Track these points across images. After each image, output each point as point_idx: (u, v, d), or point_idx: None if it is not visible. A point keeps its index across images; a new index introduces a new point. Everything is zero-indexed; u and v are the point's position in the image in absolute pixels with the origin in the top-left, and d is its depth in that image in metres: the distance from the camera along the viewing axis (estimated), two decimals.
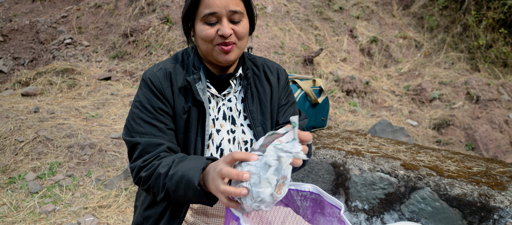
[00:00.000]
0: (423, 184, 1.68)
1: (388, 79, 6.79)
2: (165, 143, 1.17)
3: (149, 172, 1.11)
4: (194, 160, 1.08)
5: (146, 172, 1.11)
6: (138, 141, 1.16)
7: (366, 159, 1.92)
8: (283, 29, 7.46)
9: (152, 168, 1.11)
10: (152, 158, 1.14)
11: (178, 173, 1.04)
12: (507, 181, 1.63)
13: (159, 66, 1.27)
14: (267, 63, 1.42)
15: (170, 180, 1.05)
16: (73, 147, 3.78)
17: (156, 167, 1.10)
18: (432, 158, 1.94)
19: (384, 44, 7.44)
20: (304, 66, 6.76)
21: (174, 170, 1.06)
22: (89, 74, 6.30)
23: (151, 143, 1.15)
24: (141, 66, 6.75)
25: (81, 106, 5.00)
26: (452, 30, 7.17)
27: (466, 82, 5.75)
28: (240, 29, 1.19)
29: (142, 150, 1.15)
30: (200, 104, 1.23)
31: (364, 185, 1.85)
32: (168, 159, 1.12)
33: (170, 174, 1.05)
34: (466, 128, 4.83)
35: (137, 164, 1.15)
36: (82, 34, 7.95)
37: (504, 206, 1.47)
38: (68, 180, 3.33)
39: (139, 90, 1.25)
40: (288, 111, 1.42)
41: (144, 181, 1.12)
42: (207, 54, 1.23)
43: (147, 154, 1.15)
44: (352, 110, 5.90)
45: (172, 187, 1.04)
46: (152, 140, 1.16)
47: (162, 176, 1.07)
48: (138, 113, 1.20)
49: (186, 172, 1.02)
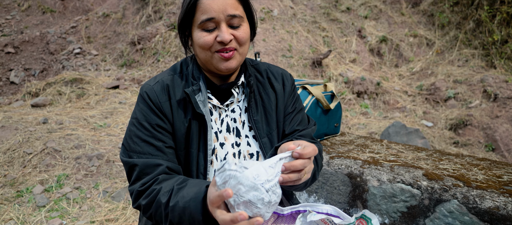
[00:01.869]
0: (450, 196, 1.55)
1: (400, 79, 6.61)
2: (164, 163, 1.08)
3: (149, 199, 1.02)
4: (193, 187, 0.98)
5: (145, 199, 1.03)
6: (136, 162, 1.07)
7: (384, 168, 1.80)
8: (290, 32, 7.36)
9: (151, 195, 1.02)
10: (151, 182, 1.05)
11: (179, 204, 0.95)
12: None
13: (157, 79, 1.18)
14: (270, 68, 1.32)
15: (172, 212, 0.97)
16: (81, 158, 3.74)
17: (156, 194, 1.02)
18: (456, 165, 1.81)
19: (394, 44, 7.26)
20: (312, 69, 6.64)
21: (174, 200, 0.97)
22: (97, 83, 6.30)
23: (149, 164, 1.07)
24: (148, 74, 6.72)
25: (90, 116, 4.97)
26: (464, 27, 6.96)
27: (482, 80, 5.55)
28: (241, 34, 1.10)
29: (140, 172, 1.07)
30: (200, 117, 1.14)
31: (384, 197, 1.73)
32: (168, 184, 1.03)
33: (171, 205, 0.97)
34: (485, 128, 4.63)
35: (135, 188, 1.06)
36: (90, 43, 7.99)
37: None
38: (76, 193, 3.28)
39: (136, 106, 1.16)
40: (296, 119, 1.31)
41: (145, 209, 1.04)
42: (207, 62, 1.14)
43: (145, 176, 1.06)
44: (364, 113, 5.75)
45: (175, 219, 0.96)
46: (150, 161, 1.07)
47: (162, 205, 0.99)
48: (135, 131, 1.11)
49: (187, 205, 0.93)
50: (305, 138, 1.27)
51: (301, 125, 1.30)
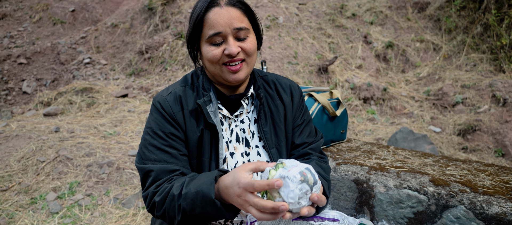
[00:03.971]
0: (456, 202, 1.56)
1: (407, 85, 6.60)
2: (179, 169, 1.13)
3: (162, 196, 1.06)
4: (205, 175, 1.03)
5: (159, 196, 1.07)
6: (151, 168, 1.12)
7: (391, 174, 1.81)
8: (295, 38, 7.41)
9: (165, 191, 1.06)
10: (166, 183, 1.10)
11: (191, 190, 0.99)
12: None
13: (169, 90, 1.23)
14: (279, 80, 1.36)
15: (184, 199, 1.00)
16: (92, 166, 3.81)
17: (169, 190, 1.06)
18: (463, 171, 1.82)
19: (400, 49, 7.26)
20: (318, 75, 6.67)
21: (187, 188, 1.01)
22: (107, 92, 6.41)
23: (165, 169, 1.11)
24: (156, 82, 6.82)
25: (100, 125, 5.06)
26: (472, 31, 6.93)
27: (490, 85, 5.51)
28: (248, 45, 1.14)
29: (155, 177, 1.11)
30: (212, 127, 1.18)
31: (390, 203, 1.75)
32: (180, 180, 1.08)
33: (184, 193, 1.01)
34: (494, 133, 4.59)
35: (150, 191, 1.10)
36: (100, 53, 8.14)
37: None
38: (87, 199, 3.34)
39: (150, 116, 1.21)
40: (305, 131, 1.35)
41: (158, 206, 1.07)
42: (215, 75, 1.18)
43: (160, 180, 1.11)
44: (371, 119, 5.74)
45: (188, 207, 0.99)
46: (165, 167, 1.12)
47: (175, 197, 1.02)
48: (150, 140, 1.16)
49: (199, 187, 0.98)
50: (315, 151, 1.30)
51: (310, 137, 1.34)
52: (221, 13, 1.10)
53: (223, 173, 1.03)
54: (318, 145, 1.35)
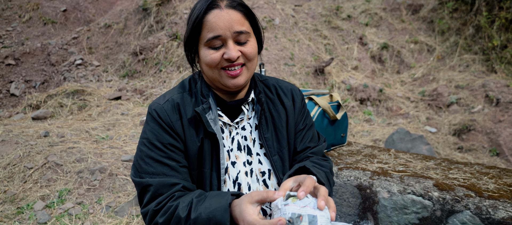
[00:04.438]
0: (462, 207, 1.53)
1: (402, 86, 6.61)
2: (180, 182, 1.07)
3: (167, 216, 1.00)
4: (216, 197, 0.98)
5: (163, 217, 1.01)
6: (149, 182, 1.05)
7: (394, 179, 1.78)
8: (292, 40, 7.38)
9: (169, 211, 1.00)
10: (167, 200, 1.03)
11: (202, 216, 0.94)
12: None
13: (166, 97, 1.16)
14: (280, 84, 1.31)
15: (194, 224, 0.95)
16: (83, 172, 3.70)
17: (174, 210, 1.00)
18: (466, 174, 1.79)
19: (395, 50, 7.28)
20: (315, 77, 6.65)
21: (196, 212, 0.95)
22: (99, 95, 6.29)
23: (164, 183, 1.05)
24: (151, 84, 6.72)
25: (91, 128, 4.96)
26: (464, 32, 6.98)
27: (483, 85, 5.55)
28: (248, 49, 1.09)
29: (155, 192, 1.05)
30: (212, 136, 1.12)
31: (395, 209, 1.71)
32: (185, 198, 1.02)
33: (193, 217, 0.95)
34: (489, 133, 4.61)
35: (150, 208, 1.04)
36: (92, 54, 8.01)
37: None
38: (78, 208, 3.23)
39: (146, 125, 1.14)
40: (307, 136, 1.30)
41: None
42: (214, 80, 1.13)
43: (160, 196, 1.05)
44: (367, 120, 5.73)
45: None
46: (165, 180, 1.05)
47: (182, 220, 0.97)
48: (147, 151, 1.09)
49: (212, 214, 0.92)
50: (317, 155, 1.26)
51: (313, 141, 1.29)
52: (221, 15, 1.05)
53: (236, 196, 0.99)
54: (321, 148, 1.30)
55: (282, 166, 1.20)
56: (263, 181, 1.18)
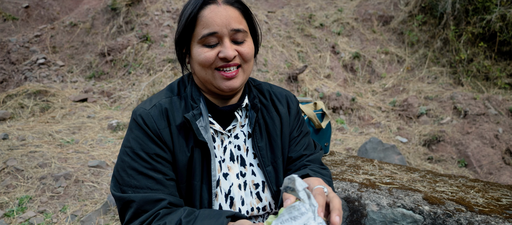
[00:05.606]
0: (454, 222, 1.51)
1: (373, 95, 6.78)
2: (166, 198, 0.95)
3: None
4: (208, 220, 0.87)
5: None
6: (132, 197, 0.93)
7: (382, 192, 1.75)
8: (265, 46, 7.36)
9: None
10: (151, 218, 0.92)
11: None
12: None
13: (153, 101, 1.05)
14: (273, 90, 1.23)
15: None
16: (46, 178, 3.43)
17: None
18: (453, 188, 1.80)
19: (366, 60, 7.48)
20: (288, 84, 6.66)
21: None
22: (63, 96, 5.91)
23: (148, 199, 0.93)
24: (119, 86, 6.42)
25: (55, 131, 4.62)
26: (432, 45, 7.31)
27: (452, 97, 5.81)
28: (245, 49, 1.01)
29: (138, 209, 0.93)
30: (203, 145, 1.02)
31: (384, 222, 1.67)
32: (173, 217, 0.91)
33: None
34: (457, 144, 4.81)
35: None
36: (56, 53, 7.54)
37: None
38: (40, 217, 2.97)
39: (129, 133, 1.02)
40: (302, 143, 1.22)
41: None
42: (206, 82, 1.03)
43: (144, 213, 0.93)
44: (340, 128, 5.80)
45: None
46: (149, 196, 0.94)
47: None
48: (130, 162, 0.97)
49: None
50: (314, 163, 1.18)
51: (308, 149, 1.22)
52: (218, 11, 0.97)
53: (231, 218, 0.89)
54: (318, 156, 1.22)
55: (276, 178, 1.12)
56: (256, 194, 1.09)
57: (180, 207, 0.99)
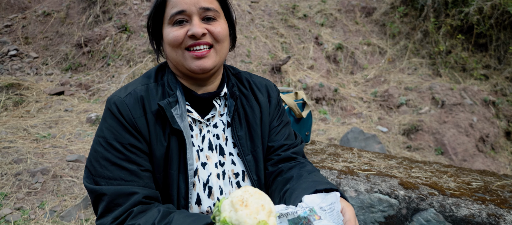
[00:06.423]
0: (427, 205, 1.55)
1: (355, 86, 6.87)
2: (140, 192, 0.92)
3: None
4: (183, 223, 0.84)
5: None
6: (104, 190, 0.90)
7: (360, 178, 1.77)
8: (248, 37, 7.32)
9: None
10: (125, 216, 0.89)
11: None
12: (511, 197, 1.56)
13: (128, 89, 1.01)
14: (253, 79, 1.22)
15: None
16: (22, 174, 3.32)
17: None
18: (427, 173, 1.84)
19: (349, 51, 7.55)
20: (272, 75, 6.65)
21: None
22: (38, 89, 5.71)
23: (121, 192, 0.90)
24: (98, 79, 6.25)
25: (30, 126, 4.47)
26: (413, 37, 7.45)
27: (430, 88, 5.95)
28: (217, 28, 0.99)
29: (110, 203, 0.90)
30: (179, 133, 1.00)
31: (362, 207, 1.70)
32: (147, 218, 0.87)
33: None
34: (434, 133, 4.95)
35: (105, 223, 0.89)
36: (29, 45, 7.25)
37: None
38: (17, 214, 2.88)
39: (103, 122, 0.98)
40: (283, 132, 1.21)
41: None
42: (178, 64, 1.01)
43: (117, 208, 0.90)
44: (323, 119, 5.86)
45: None
46: (122, 188, 0.91)
47: None
48: (103, 152, 0.94)
49: None
50: (299, 155, 1.18)
51: (289, 139, 1.21)
52: None
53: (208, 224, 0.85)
54: (300, 148, 1.22)
55: (256, 167, 1.11)
56: (236, 183, 1.08)
57: (155, 200, 0.97)
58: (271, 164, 1.14)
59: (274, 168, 1.13)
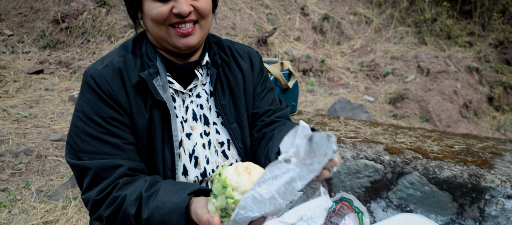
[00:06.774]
0: (411, 169, 1.58)
1: (342, 57, 6.85)
2: (124, 164, 0.90)
3: (112, 210, 0.85)
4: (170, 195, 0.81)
5: (107, 210, 0.85)
6: (87, 164, 0.88)
7: (347, 145, 1.78)
8: (233, 9, 7.14)
9: (115, 205, 0.85)
10: (110, 188, 0.87)
11: (155, 216, 0.79)
12: (492, 158, 1.60)
13: (105, 61, 0.97)
14: (235, 46, 1.18)
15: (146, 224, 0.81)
16: (4, 155, 3.25)
17: (120, 203, 0.85)
18: (412, 138, 1.87)
19: (335, 21, 7.47)
20: (258, 47, 6.56)
21: (147, 211, 0.81)
22: (16, 68, 5.50)
23: (105, 165, 0.88)
24: (78, 56, 6.05)
25: (10, 106, 4.33)
26: (399, 5, 7.40)
27: (416, 56, 5.98)
28: (202, 4, 0.94)
29: (95, 176, 0.88)
30: (162, 105, 0.97)
31: (348, 174, 1.72)
32: (133, 189, 0.86)
33: (145, 217, 0.81)
34: (420, 101, 5.02)
35: (91, 197, 0.87)
36: (2, 22, 6.92)
37: (495, 186, 1.42)
38: (2, 196, 2.84)
39: (81, 96, 0.94)
40: (267, 98, 1.19)
41: (108, 222, 0.86)
42: (161, 40, 0.97)
43: (102, 181, 0.88)
44: (310, 90, 5.86)
45: None
46: (106, 162, 0.88)
47: (132, 217, 0.82)
48: (84, 127, 0.91)
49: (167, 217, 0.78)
50: (283, 118, 1.16)
51: (274, 104, 1.19)
52: None
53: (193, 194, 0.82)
54: (285, 112, 1.21)
55: (241, 135, 1.09)
56: (222, 152, 1.07)
57: (141, 172, 0.95)
58: (256, 130, 1.13)
59: (259, 134, 1.11)
